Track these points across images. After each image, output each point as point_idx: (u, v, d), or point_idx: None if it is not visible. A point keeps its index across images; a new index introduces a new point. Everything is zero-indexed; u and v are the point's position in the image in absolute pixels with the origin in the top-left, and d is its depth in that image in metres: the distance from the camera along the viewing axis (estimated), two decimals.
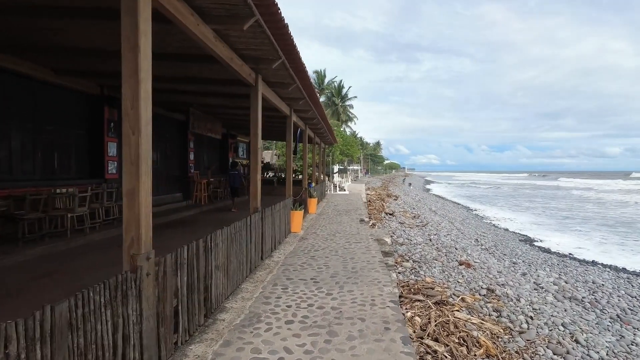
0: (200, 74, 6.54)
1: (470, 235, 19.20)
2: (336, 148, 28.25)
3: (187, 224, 9.51)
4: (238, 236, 4.49)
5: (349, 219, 11.36)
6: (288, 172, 8.67)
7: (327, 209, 13.82)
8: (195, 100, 9.28)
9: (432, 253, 12.75)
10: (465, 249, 14.95)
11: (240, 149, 19.56)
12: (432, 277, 9.88)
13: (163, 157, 11.59)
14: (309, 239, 7.78)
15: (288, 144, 8.65)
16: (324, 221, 10.62)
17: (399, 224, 18.19)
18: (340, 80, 55.10)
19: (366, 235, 8.71)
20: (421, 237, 15.56)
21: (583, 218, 27.31)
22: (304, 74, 6.14)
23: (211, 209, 12.48)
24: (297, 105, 8.52)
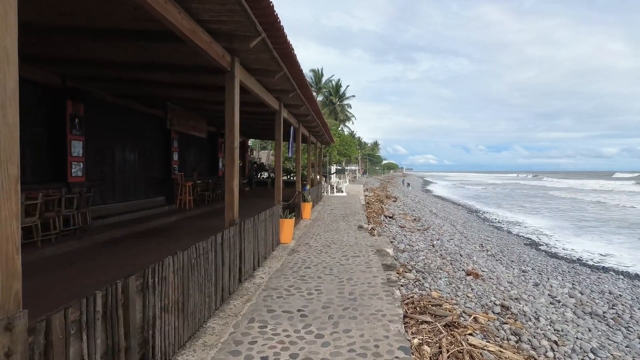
0: (170, 59, 5.52)
1: (474, 240, 18.27)
2: (333, 148, 27.26)
3: (165, 232, 8.48)
4: (203, 260, 3.48)
5: (346, 225, 10.36)
6: (277, 174, 7.66)
7: (323, 214, 12.82)
8: (172, 94, 8.26)
9: (436, 261, 11.79)
10: (470, 256, 13.98)
11: None
12: (438, 290, 8.90)
13: (142, 158, 10.54)
14: (301, 251, 6.77)
15: (277, 144, 7.65)
16: (319, 228, 9.61)
17: (400, 228, 17.22)
18: (338, 79, 54.12)
19: (365, 245, 7.71)
20: (423, 243, 14.59)
21: (548, 209, 31.68)
22: (291, 59, 5.13)
23: (197, 214, 11.44)
24: (287, 99, 7.51)
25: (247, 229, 5.04)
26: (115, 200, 9.28)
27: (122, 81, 7.21)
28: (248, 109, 9.64)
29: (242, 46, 4.13)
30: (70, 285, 4.58)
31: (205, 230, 8.95)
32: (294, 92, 6.79)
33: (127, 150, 9.81)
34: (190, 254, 3.24)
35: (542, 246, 19.85)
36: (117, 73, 6.53)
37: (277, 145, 7.60)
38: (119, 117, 9.30)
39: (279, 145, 7.59)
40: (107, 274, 5.09)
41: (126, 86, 7.63)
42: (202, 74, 6.05)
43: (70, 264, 5.54)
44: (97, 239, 6.99)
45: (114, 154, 9.30)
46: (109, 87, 7.89)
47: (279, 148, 7.58)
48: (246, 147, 20.31)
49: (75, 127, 7.44)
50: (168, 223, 9.70)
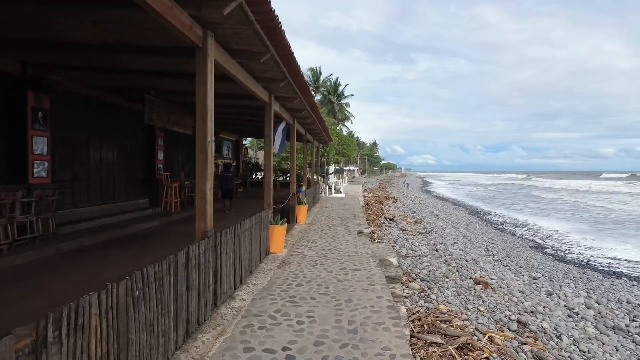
0: (136, 38, 4.65)
1: (478, 243, 17.47)
2: (332, 147, 26.40)
3: (143, 239, 7.60)
4: (155, 289, 2.61)
5: (345, 230, 9.50)
6: (267, 175, 6.80)
7: (320, 217, 11.96)
8: (152, 85, 7.39)
9: (441, 268, 10.93)
10: (476, 261, 13.14)
11: (225, 148, 17.64)
12: (446, 303, 8.05)
13: (122, 156, 9.66)
14: (293, 263, 5.92)
15: (267, 141, 6.79)
16: (315, 234, 8.75)
17: (401, 231, 16.38)
18: (336, 77, 53.27)
19: (366, 255, 6.85)
20: (426, 247, 13.74)
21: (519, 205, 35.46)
22: (279, 38, 4.27)
23: (183, 217, 10.56)
24: (277, 90, 6.65)
25: (226, 241, 4.17)
26: (90, 203, 8.39)
27: (92, 70, 6.33)
28: (237, 102, 8.77)
29: (214, 14, 3.27)
30: (6, 312, 3.71)
31: (189, 237, 8.08)
32: (284, 81, 5.93)
33: (104, 147, 8.93)
34: (134, 283, 2.37)
35: (548, 249, 19.19)
36: (82, 57, 5.66)
37: (267, 142, 6.74)
38: (94, 111, 8.42)
39: (268, 142, 6.73)
40: (62, 291, 4.25)
41: (97, 75, 6.75)
42: (178, 57, 5.18)
43: (19, 281, 4.67)
44: (62, 249, 6.11)
45: (89, 151, 8.42)
46: (78, 76, 7.00)
47: (268, 145, 6.72)
48: (240, 145, 19.43)
49: (38, 122, 6.56)
50: (149, 228, 8.82)
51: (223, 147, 17.35)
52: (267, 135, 6.76)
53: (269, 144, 6.76)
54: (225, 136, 17.21)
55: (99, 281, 3.24)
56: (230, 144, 18.19)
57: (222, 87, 6.90)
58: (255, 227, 5.54)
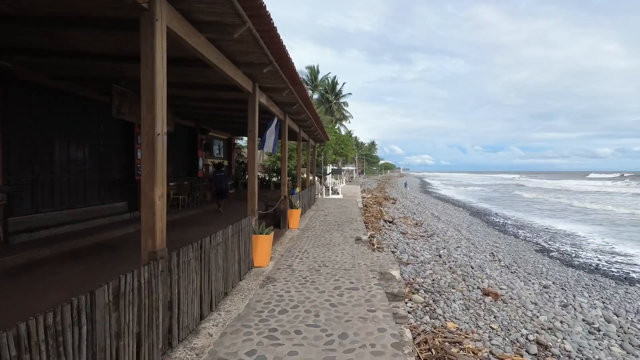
0: (77, 10, 3.73)
1: (483, 247, 16.61)
2: (329, 147, 25.49)
3: (111, 249, 6.68)
4: (49, 352, 1.72)
5: (341, 237, 8.60)
6: (250, 177, 5.89)
7: (315, 221, 11.06)
8: (120, 73, 6.47)
9: (446, 276, 10.02)
10: (482, 268, 12.26)
11: (216, 147, 16.71)
12: (454, 319, 7.16)
13: (95, 155, 8.72)
14: (279, 280, 5.02)
15: (251, 137, 5.88)
16: (308, 242, 7.85)
17: (401, 235, 15.49)
18: (334, 76, 52.35)
19: (365, 267, 5.96)
20: (428, 252, 12.85)
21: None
22: (257, 5, 3.37)
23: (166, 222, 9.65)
24: (262, 78, 5.75)
25: (186, 261, 3.27)
26: (55, 208, 7.46)
27: (46, 54, 5.41)
28: (222, 95, 7.86)
29: None
30: None
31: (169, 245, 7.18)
32: (269, 67, 5.03)
33: (73, 145, 8.00)
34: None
35: (554, 253, 18.45)
36: (29, 34, 4.74)
37: (250, 138, 5.84)
38: (60, 105, 7.49)
39: (252, 138, 5.82)
40: None
41: (54, 61, 5.82)
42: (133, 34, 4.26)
43: None
44: (6, 264, 5.19)
45: (54, 150, 7.49)
46: (30, 61, 6.07)
47: (252, 142, 5.81)
48: (232, 145, 18.49)
49: None
50: (123, 235, 7.89)
51: (214, 146, 16.43)
52: (251, 130, 5.85)
53: (253, 141, 5.85)
54: (216, 135, 16.27)
55: (19, 315, 2.38)
56: (221, 143, 17.26)
57: (197, 74, 6.00)
58: (233, 239, 4.64)
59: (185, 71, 5.72)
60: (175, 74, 5.89)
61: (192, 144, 13.97)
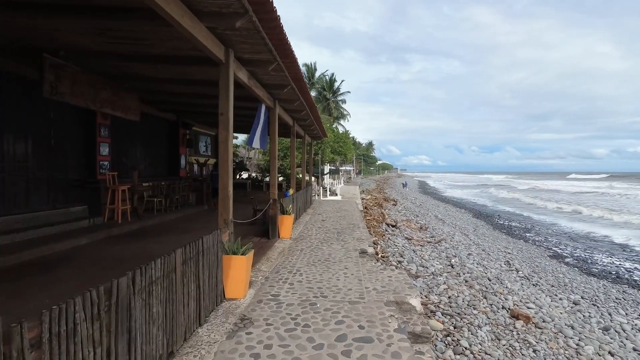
0: None
1: (495, 254, 15.14)
2: (326, 145, 23.97)
3: (45, 271, 5.11)
4: None
5: (342, 249, 7.08)
6: (223, 178, 4.35)
7: (311, 228, 9.53)
8: (57, 39, 4.90)
9: (463, 292, 8.48)
10: (501, 280, 10.74)
11: (202, 144, 15.14)
12: (485, 354, 5.69)
13: (42, 150, 7.15)
14: (257, 322, 3.52)
15: (222, 122, 4.34)
16: (301, 257, 6.31)
17: (406, 241, 13.96)
18: (332, 73, 50.81)
19: (376, 295, 4.45)
20: (439, 262, 11.32)
21: None
22: None
23: (132, 231, 8.09)
24: (239, 43, 4.23)
25: (66, 331, 1.74)
26: None
27: None
28: (195, 74, 6.31)
29: None
30: None
31: (124, 263, 5.64)
32: (244, 18, 3.50)
33: (10, 138, 6.44)
34: None
35: (568, 258, 17.21)
36: None
37: (222, 123, 4.30)
38: None
39: (225, 124, 4.29)
40: None
41: None
42: None
43: None
44: None
45: None
46: None
47: (225, 129, 4.28)
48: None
49: None
50: (71, 249, 6.32)
51: (200, 143, 14.87)
52: (223, 113, 4.32)
53: (225, 127, 4.31)
54: (202, 130, 14.71)
55: None
56: (209, 139, 15.68)
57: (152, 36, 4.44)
58: (189, 267, 3.11)
59: (133, 29, 4.17)
60: (119, 34, 4.34)
61: (173, 140, 12.40)
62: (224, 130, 4.34)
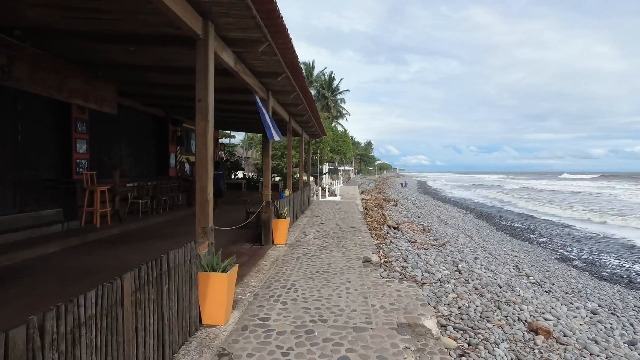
0: None
1: (502, 258, 14.42)
2: (325, 144, 23.21)
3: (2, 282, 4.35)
4: None
5: (343, 257, 6.33)
6: (200, 179, 3.59)
7: (309, 232, 8.79)
8: (15, 15, 4.14)
9: (474, 302, 7.71)
10: (512, 287, 9.99)
11: (194, 142, 14.35)
12: None
13: (7, 147, 6.39)
14: (239, 359, 2.79)
15: (199, 111, 3.58)
16: (297, 268, 5.56)
17: (409, 244, 13.19)
18: (330, 71, 50.08)
19: (384, 317, 3.71)
20: (445, 267, 10.55)
21: None
22: None
23: (110, 236, 7.33)
24: (220, 12, 3.48)
25: None
26: None
27: None
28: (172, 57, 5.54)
29: None
30: None
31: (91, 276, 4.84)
32: None
33: None
34: None
35: (577, 261, 16.63)
36: None
37: (199, 111, 3.55)
38: None
39: (202, 112, 3.54)
40: None
41: None
42: None
43: None
44: None
45: None
46: None
47: (203, 118, 3.53)
48: (215, 140, 16.13)
49: None
50: (34, 259, 5.55)
51: (192, 141, 14.07)
52: (201, 100, 3.56)
53: (203, 116, 3.56)
54: (194, 127, 13.93)
55: None
56: None
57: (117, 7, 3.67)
58: (149, 292, 2.37)
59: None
60: (76, 2, 3.58)
61: (162, 137, 11.62)
62: (202, 120, 3.58)
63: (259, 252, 6.27)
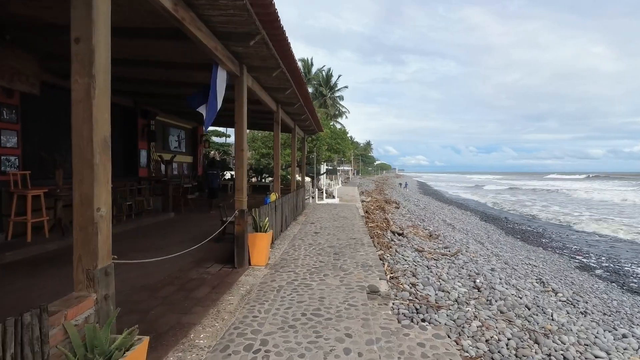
0: None
1: (521, 269, 12.76)
2: (322, 142, 21.56)
3: None
4: None
5: (341, 286, 4.66)
6: (81, 179, 1.99)
7: (299, 246, 7.12)
8: None
9: (504, 332, 6.01)
10: (542, 308, 8.23)
11: (174, 138, 12.69)
12: None
13: None
14: None
15: (78, 52, 1.97)
16: (273, 310, 3.84)
17: (417, 253, 11.46)
18: (329, 68, 48.31)
19: None
20: (460, 282, 8.77)
21: None
22: None
23: (41, 254, 5.68)
24: None
25: None
26: None
27: None
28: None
29: None
30: None
31: None
32: None
33: None
34: None
35: (598, 270, 15.18)
36: None
37: (77, 59, 1.95)
38: None
39: (83, 63, 1.94)
40: None
41: None
42: None
43: None
44: None
45: None
46: None
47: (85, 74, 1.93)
48: (199, 136, 14.47)
49: None
50: None
51: (170, 137, 12.43)
52: (80, 39, 1.95)
53: (83, 70, 1.95)
54: (172, 122, 12.26)
55: None
56: (182, 133, 13.24)
57: None
58: None
59: None
60: None
61: (130, 132, 9.95)
62: (82, 76, 1.95)
63: (226, 280, 4.62)
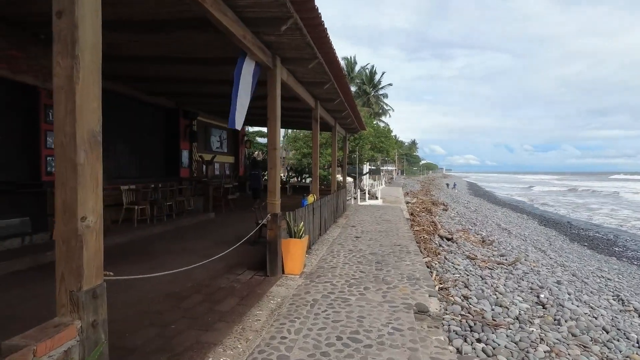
0: None
1: (593, 282, 11.28)
2: (365, 140, 20.85)
3: None
4: None
5: (384, 303, 4.07)
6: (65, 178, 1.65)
7: (338, 252, 6.61)
8: None
9: None
10: (624, 332, 6.91)
11: (215, 138, 12.76)
12: None
13: None
14: None
15: (60, 29, 1.63)
16: (304, 331, 3.36)
17: (469, 261, 10.43)
18: (372, 66, 47.33)
19: None
20: (521, 296, 7.64)
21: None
22: None
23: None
24: None
25: None
26: None
27: None
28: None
29: None
30: None
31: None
32: None
33: None
34: None
35: None
36: None
37: (58, 39, 1.60)
38: None
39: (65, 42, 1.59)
40: None
41: None
42: None
43: None
44: None
45: None
46: None
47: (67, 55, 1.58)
48: (240, 137, 14.49)
49: None
50: None
51: (212, 137, 12.51)
52: (63, 12, 1.59)
53: (65, 49, 1.60)
54: (214, 122, 12.31)
55: None
56: (224, 133, 13.30)
57: None
58: None
59: None
60: None
61: (172, 132, 10.06)
62: (63, 57, 1.60)
63: (256, 290, 4.23)
